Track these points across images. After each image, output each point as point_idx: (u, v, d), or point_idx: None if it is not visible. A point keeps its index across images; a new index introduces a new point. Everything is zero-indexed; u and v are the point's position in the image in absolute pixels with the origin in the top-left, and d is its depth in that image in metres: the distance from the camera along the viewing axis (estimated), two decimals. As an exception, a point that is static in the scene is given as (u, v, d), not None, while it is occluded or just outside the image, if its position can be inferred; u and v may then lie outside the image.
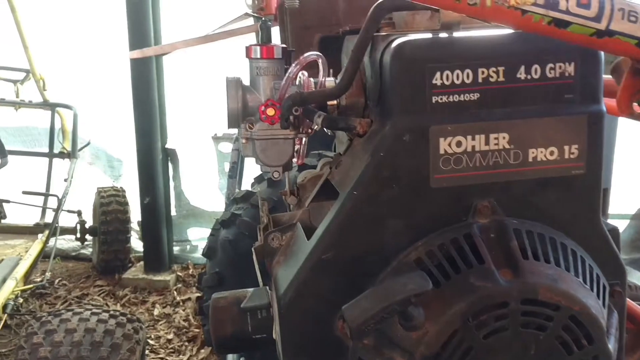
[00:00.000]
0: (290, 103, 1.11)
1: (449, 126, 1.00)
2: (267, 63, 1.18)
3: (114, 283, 4.74)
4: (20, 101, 4.66)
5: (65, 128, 4.72)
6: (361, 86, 1.17)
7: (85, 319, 2.52)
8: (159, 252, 4.77)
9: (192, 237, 5.11)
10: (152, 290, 4.64)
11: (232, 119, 1.18)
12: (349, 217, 1.01)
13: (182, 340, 4.07)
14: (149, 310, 4.42)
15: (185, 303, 4.51)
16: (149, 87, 4.39)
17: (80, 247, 5.12)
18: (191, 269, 4.95)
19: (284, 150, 1.19)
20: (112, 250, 4.70)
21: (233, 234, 2.26)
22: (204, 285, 2.33)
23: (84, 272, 5.00)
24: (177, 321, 4.26)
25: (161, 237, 4.74)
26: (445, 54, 1.00)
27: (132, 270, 4.84)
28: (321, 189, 1.21)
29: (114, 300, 4.54)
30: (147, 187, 4.60)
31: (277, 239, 1.17)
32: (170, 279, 4.69)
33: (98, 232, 4.67)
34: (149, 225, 4.72)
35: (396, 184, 1.00)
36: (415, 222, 1.02)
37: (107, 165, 5.27)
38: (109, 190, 4.81)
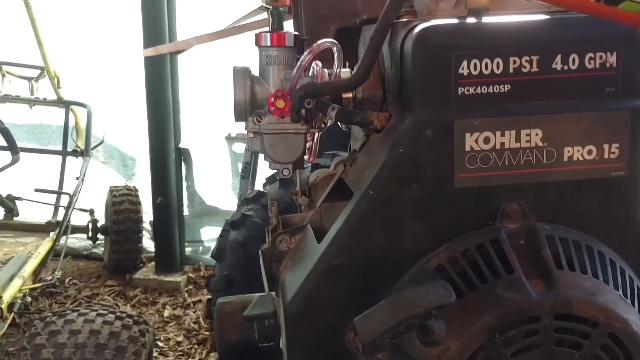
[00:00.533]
0: (302, 94, 1.02)
1: (476, 120, 0.91)
2: (277, 51, 1.09)
3: (125, 283, 4.67)
4: (35, 98, 4.63)
5: (79, 126, 4.68)
6: (379, 77, 1.08)
7: (91, 320, 2.45)
8: (170, 253, 4.70)
9: (205, 237, 5.04)
10: (163, 291, 4.57)
11: (239, 112, 1.09)
12: (364, 219, 0.92)
13: (192, 342, 3.99)
14: (159, 311, 4.35)
15: (196, 305, 4.43)
16: (163, 86, 4.33)
17: (92, 246, 5.06)
18: (203, 270, 4.87)
19: (294, 146, 1.10)
20: (124, 250, 4.63)
21: (243, 236, 2.18)
22: (212, 288, 2.25)
23: (95, 271, 4.94)
24: (187, 323, 4.19)
25: (173, 237, 4.67)
26: (473, 41, 0.90)
27: (143, 270, 4.78)
28: (334, 188, 1.12)
29: (124, 300, 4.48)
30: (159, 186, 4.54)
31: (286, 241, 1.08)
32: (182, 280, 4.62)
33: (109, 231, 4.61)
34: (161, 225, 4.65)
35: (416, 183, 0.91)
36: (437, 225, 0.93)
37: (120, 164, 5.23)
38: (122, 189, 4.75)
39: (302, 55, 1.04)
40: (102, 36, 4.75)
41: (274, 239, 1.08)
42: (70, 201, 4.20)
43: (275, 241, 1.08)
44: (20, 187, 4.71)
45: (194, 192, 5.03)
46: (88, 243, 5.07)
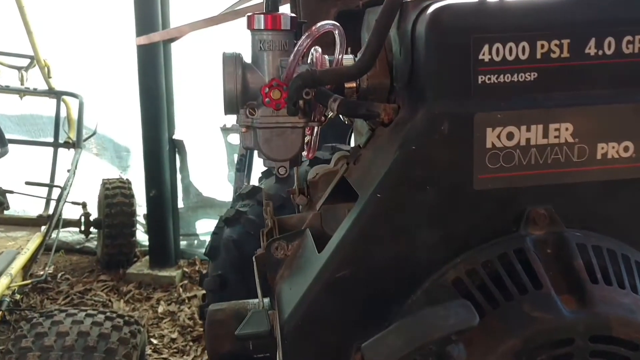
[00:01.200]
0: (299, 83, 0.90)
1: (498, 113, 0.79)
2: (272, 35, 0.97)
3: (118, 278, 4.58)
4: (25, 89, 4.51)
5: (71, 117, 4.56)
6: (386, 65, 0.97)
7: (79, 321, 2.34)
8: (164, 247, 4.61)
9: (200, 230, 4.95)
10: (157, 287, 4.48)
11: (229, 103, 0.98)
12: (371, 226, 0.81)
13: (187, 339, 3.90)
14: (153, 307, 4.25)
15: (191, 300, 4.34)
16: (156, 75, 4.20)
17: (85, 240, 4.97)
18: (198, 264, 4.78)
19: (291, 142, 0.98)
20: (117, 244, 4.54)
21: (237, 233, 2.07)
22: (205, 288, 2.14)
23: (87, 265, 4.85)
24: (182, 319, 4.09)
25: (167, 231, 4.57)
26: (495, 22, 0.79)
27: (137, 265, 4.68)
28: (336, 188, 1.00)
29: (117, 296, 4.38)
30: (153, 179, 4.43)
31: (282, 248, 0.97)
32: (176, 275, 4.52)
33: (102, 225, 4.51)
34: (154, 218, 4.55)
35: (430, 185, 0.80)
36: (453, 233, 0.82)
37: (114, 156, 5.11)
38: (115, 182, 4.64)
39: (300, 40, 0.92)
40: (93, 24, 4.62)
41: (269, 246, 0.97)
42: (61, 194, 4.10)
43: (270, 248, 0.97)
44: (10, 179, 4.60)
45: (188, 184, 4.93)
46: (81, 237, 4.98)
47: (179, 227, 4.84)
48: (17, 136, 4.76)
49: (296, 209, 1.28)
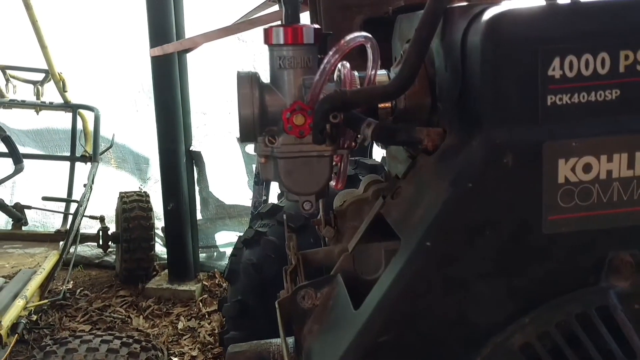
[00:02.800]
0: (327, 107, 0.77)
1: (572, 141, 0.65)
2: (293, 51, 0.84)
3: (137, 293, 4.48)
4: (41, 103, 4.45)
5: (87, 130, 4.50)
6: (426, 81, 0.83)
7: (94, 348, 2.23)
8: (184, 261, 4.51)
9: (219, 242, 4.85)
10: (177, 301, 4.38)
11: (245, 130, 0.84)
12: (419, 281, 0.67)
13: (207, 357, 3.78)
14: (172, 323, 4.15)
15: (211, 315, 4.23)
16: (172, 87, 4.10)
17: (103, 254, 4.90)
18: (218, 277, 4.67)
19: (317, 173, 0.85)
20: (135, 259, 4.44)
21: (257, 256, 1.94)
22: (225, 314, 2.01)
23: (106, 280, 4.77)
24: (202, 336, 3.98)
25: (186, 244, 4.46)
26: (567, 30, 0.64)
27: (156, 279, 4.59)
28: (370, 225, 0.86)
29: (136, 312, 4.28)
30: (171, 192, 4.33)
31: (310, 297, 0.83)
32: (196, 289, 4.42)
33: (120, 239, 4.42)
34: (173, 231, 4.45)
35: (491, 230, 0.65)
36: (520, 286, 0.67)
37: (134, 168, 5.04)
38: (132, 195, 4.55)
39: (327, 56, 0.78)
40: (107, 36, 4.56)
41: (295, 294, 0.83)
42: (78, 209, 4.03)
43: (296, 296, 0.83)
44: (28, 195, 4.56)
45: (207, 196, 4.83)
46: (99, 251, 4.91)
47: (197, 239, 4.74)
48: (34, 150, 4.71)
49: (322, 241, 1.14)
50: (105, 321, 4.11)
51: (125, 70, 4.54)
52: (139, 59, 4.35)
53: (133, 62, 4.44)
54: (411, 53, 0.76)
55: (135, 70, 4.47)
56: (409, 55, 0.76)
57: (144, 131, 4.70)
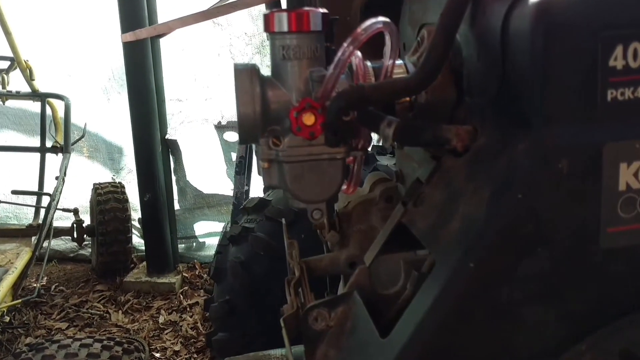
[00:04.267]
0: (343, 105, 0.66)
1: (637, 143, 0.56)
2: (299, 39, 0.73)
3: (115, 287, 4.35)
4: (7, 92, 4.25)
5: (57, 120, 4.32)
6: (450, 73, 0.73)
7: (73, 353, 2.12)
8: (162, 252, 4.38)
9: (198, 232, 4.74)
10: (157, 294, 4.26)
11: (246, 131, 0.73)
12: (462, 307, 0.58)
13: (190, 351, 3.68)
14: (153, 317, 4.04)
15: (193, 308, 4.12)
16: (145, 74, 3.93)
17: (78, 248, 4.74)
18: (198, 268, 4.56)
19: (329, 177, 0.75)
20: (112, 252, 4.31)
21: (245, 254, 1.83)
22: (212, 315, 1.91)
23: (82, 275, 4.62)
24: (184, 329, 3.88)
25: (164, 235, 4.34)
26: (632, 13, 0.55)
27: (134, 272, 4.46)
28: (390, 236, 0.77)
29: (115, 307, 4.15)
30: (147, 182, 4.19)
31: (324, 318, 0.74)
32: (176, 281, 4.31)
33: (96, 232, 4.28)
34: (150, 222, 4.32)
35: (542, 246, 0.57)
36: (574, 309, 0.59)
37: (107, 158, 4.88)
38: (106, 186, 4.40)
39: (342, 46, 0.68)
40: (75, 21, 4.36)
41: (307, 316, 0.73)
42: (50, 203, 3.87)
43: (307, 318, 0.74)
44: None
45: (184, 186, 4.71)
46: (74, 245, 4.76)
47: (176, 230, 4.63)
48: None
49: (324, 246, 1.05)
50: (83, 318, 3.97)
51: (95, 57, 4.36)
52: (109, 45, 4.18)
53: (103, 49, 4.26)
54: (437, 41, 0.66)
55: (106, 57, 4.30)
56: (435, 44, 0.66)
57: (116, 120, 4.54)
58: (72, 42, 4.35)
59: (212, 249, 4.58)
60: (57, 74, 4.48)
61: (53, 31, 4.40)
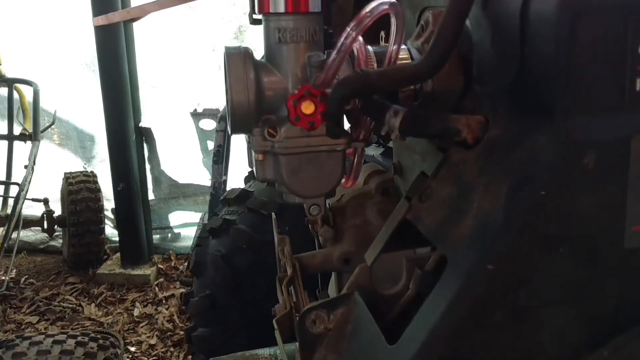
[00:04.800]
0: (347, 93, 0.61)
1: (667, 135, 0.52)
2: (296, 21, 0.68)
3: (88, 279, 4.25)
4: (-27, 78, 4.11)
5: (25, 107, 4.18)
6: (457, 59, 0.68)
7: (46, 350, 2.03)
8: (136, 243, 4.30)
9: (173, 222, 4.65)
10: (131, 287, 4.18)
11: (238, 120, 0.68)
12: (478, 312, 0.53)
13: (167, 345, 3.62)
14: (127, 310, 3.95)
15: (169, 300, 4.05)
16: (118, 59, 3.82)
17: (49, 239, 4.63)
18: (173, 260, 4.48)
19: (328, 170, 0.70)
20: (84, 243, 4.21)
21: (226, 247, 1.78)
22: (191, 311, 1.85)
23: (53, 267, 4.50)
24: (160, 322, 3.80)
25: (138, 226, 4.25)
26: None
27: (107, 264, 4.37)
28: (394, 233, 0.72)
29: (88, 299, 4.06)
30: (120, 171, 4.09)
31: (322, 321, 0.69)
32: (151, 273, 4.23)
33: (67, 222, 4.17)
34: (124, 213, 4.23)
35: (565, 246, 0.53)
36: (597, 312, 0.55)
37: (78, 146, 4.75)
38: (78, 175, 4.29)
39: (347, 29, 0.63)
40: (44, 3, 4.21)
41: (304, 318, 0.69)
42: (19, 193, 3.76)
43: (305, 320, 0.69)
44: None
45: (159, 175, 4.62)
46: (44, 236, 4.66)
47: (150, 220, 4.54)
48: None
49: (316, 241, 1.00)
50: (54, 311, 3.88)
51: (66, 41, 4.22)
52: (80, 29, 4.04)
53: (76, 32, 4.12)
54: (447, 24, 0.61)
55: (78, 42, 4.16)
56: (445, 27, 0.61)
57: (88, 107, 4.42)
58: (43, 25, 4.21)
59: (188, 240, 4.51)
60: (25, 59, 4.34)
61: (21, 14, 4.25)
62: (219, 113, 3.61)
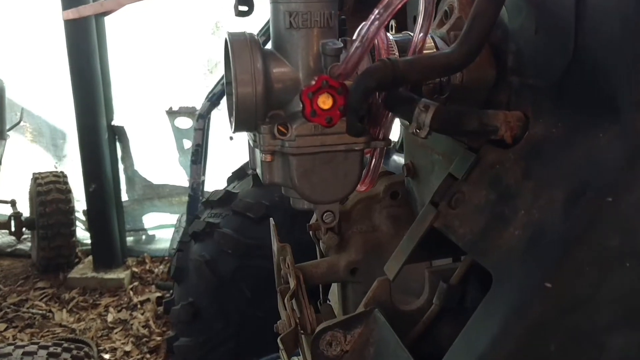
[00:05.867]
0: (373, 84, 0.54)
1: None
2: (309, 4, 0.60)
3: (59, 284, 4.11)
4: None
5: (-9, 104, 4.03)
6: (488, 48, 0.61)
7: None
8: (109, 246, 4.17)
9: (148, 224, 4.53)
10: (104, 291, 4.05)
11: (244, 115, 0.60)
12: (535, 337, 0.46)
13: (143, 351, 3.50)
14: (101, 315, 3.82)
15: (144, 305, 3.93)
16: (89, 55, 3.68)
17: (17, 242, 4.46)
18: (148, 263, 4.36)
19: (345, 173, 0.62)
20: (54, 246, 4.08)
21: (210, 252, 1.68)
22: (173, 319, 1.75)
23: (22, 271, 4.34)
24: (135, 328, 3.68)
25: (111, 228, 4.12)
26: None
27: (79, 267, 4.23)
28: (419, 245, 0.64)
29: (59, 305, 3.91)
30: (92, 171, 3.95)
31: (338, 342, 0.61)
32: (125, 277, 4.10)
33: (36, 225, 4.03)
34: (96, 214, 4.09)
35: (632, 260, 0.46)
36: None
37: (50, 144, 4.59)
38: (48, 175, 4.14)
39: (373, 13, 0.54)
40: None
41: (318, 340, 0.61)
42: (-16, 194, 3.62)
43: (318, 342, 0.61)
44: None
45: (133, 175, 4.49)
46: (12, 239, 4.50)
47: (124, 222, 4.42)
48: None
49: (317, 248, 0.92)
50: (23, 318, 3.72)
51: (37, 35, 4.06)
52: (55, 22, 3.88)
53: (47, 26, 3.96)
54: (483, 8, 0.54)
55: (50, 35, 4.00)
56: (480, 12, 0.54)
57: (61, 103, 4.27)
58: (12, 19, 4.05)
59: (163, 242, 4.40)
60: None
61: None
62: (195, 111, 3.51)
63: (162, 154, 4.36)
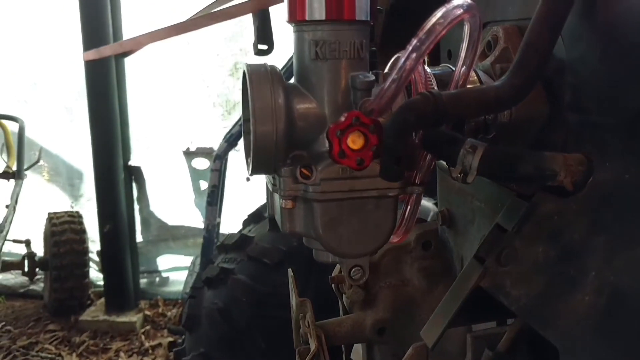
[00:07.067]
0: (412, 120, 0.46)
1: None
2: (338, 32, 0.53)
3: (70, 326, 4.04)
4: (-46, 113, 3.98)
5: (9, 143, 4.05)
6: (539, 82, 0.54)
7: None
8: (122, 288, 4.11)
9: (162, 266, 4.47)
10: (116, 335, 3.97)
11: (262, 156, 0.53)
12: None
13: (153, 399, 3.39)
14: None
15: (155, 350, 3.84)
16: (108, 95, 3.70)
17: (30, 283, 4.43)
18: (161, 306, 4.28)
19: (377, 222, 0.54)
20: (67, 288, 4.03)
21: (224, 299, 1.60)
22: (184, 371, 1.66)
23: (33, 313, 4.29)
24: (146, 375, 3.59)
25: (125, 269, 4.07)
26: None
27: (91, 310, 4.16)
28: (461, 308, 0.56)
29: (69, 349, 3.83)
30: (107, 211, 3.93)
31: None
32: (137, 320, 4.02)
33: (49, 265, 3.99)
34: (110, 256, 4.05)
35: None
36: None
37: (66, 183, 4.60)
38: (62, 215, 4.13)
39: (412, 41, 0.48)
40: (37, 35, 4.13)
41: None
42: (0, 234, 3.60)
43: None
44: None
45: (148, 216, 4.46)
46: (25, 279, 4.47)
47: (138, 264, 4.37)
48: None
49: (340, 302, 0.83)
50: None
51: (59, 74, 4.13)
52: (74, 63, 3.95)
53: (68, 66, 4.02)
54: (536, 38, 0.47)
55: (71, 75, 4.06)
56: (534, 41, 0.47)
57: (78, 142, 4.30)
58: (35, 57, 4.12)
59: (177, 285, 4.33)
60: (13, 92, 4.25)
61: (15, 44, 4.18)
62: (213, 152, 3.48)
63: (178, 195, 4.34)
